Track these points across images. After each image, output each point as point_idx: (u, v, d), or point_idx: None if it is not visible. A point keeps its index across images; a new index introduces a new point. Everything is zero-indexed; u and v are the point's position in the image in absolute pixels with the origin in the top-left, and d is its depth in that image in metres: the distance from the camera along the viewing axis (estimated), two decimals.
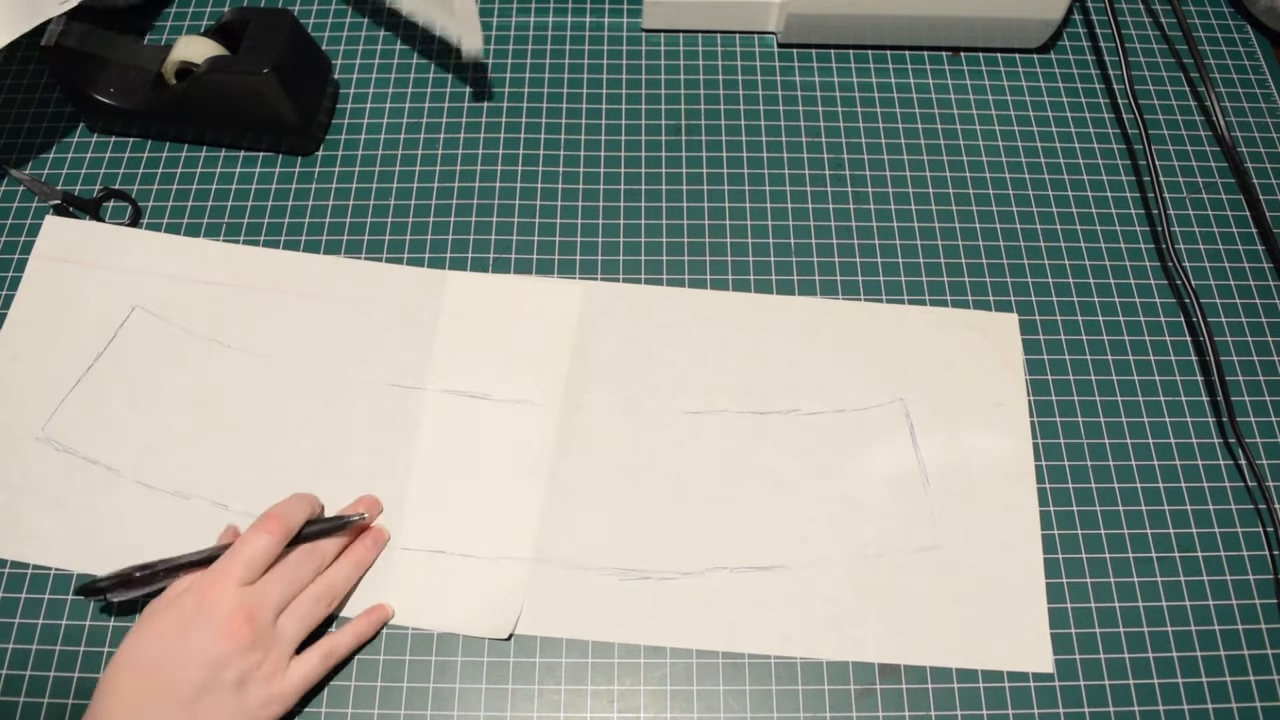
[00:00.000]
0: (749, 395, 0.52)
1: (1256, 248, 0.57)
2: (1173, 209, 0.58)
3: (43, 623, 0.47)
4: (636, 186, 0.59)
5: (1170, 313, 0.55)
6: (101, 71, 0.58)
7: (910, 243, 0.57)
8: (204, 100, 0.56)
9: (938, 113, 0.62)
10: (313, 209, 0.58)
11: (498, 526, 0.49)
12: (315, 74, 0.59)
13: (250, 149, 0.60)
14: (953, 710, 0.45)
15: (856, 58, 0.64)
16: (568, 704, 0.45)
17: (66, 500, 0.49)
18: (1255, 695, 0.46)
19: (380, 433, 0.51)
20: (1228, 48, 0.65)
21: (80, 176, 0.59)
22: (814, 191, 0.59)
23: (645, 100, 0.62)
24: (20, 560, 0.48)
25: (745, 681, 0.46)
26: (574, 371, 0.52)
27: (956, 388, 0.52)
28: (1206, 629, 0.47)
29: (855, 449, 0.50)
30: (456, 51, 0.63)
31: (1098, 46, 0.65)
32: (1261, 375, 0.53)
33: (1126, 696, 0.46)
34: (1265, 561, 0.49)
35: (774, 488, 0.49)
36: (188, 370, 0.52)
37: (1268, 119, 0.62)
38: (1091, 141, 0.61)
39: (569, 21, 0.65)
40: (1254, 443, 0.51)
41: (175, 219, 0.57)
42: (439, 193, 0.58)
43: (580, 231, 0.57)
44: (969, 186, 0.59)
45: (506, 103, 0.62)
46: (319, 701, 0.45)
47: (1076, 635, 0.47)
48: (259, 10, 0.56)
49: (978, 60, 0.64)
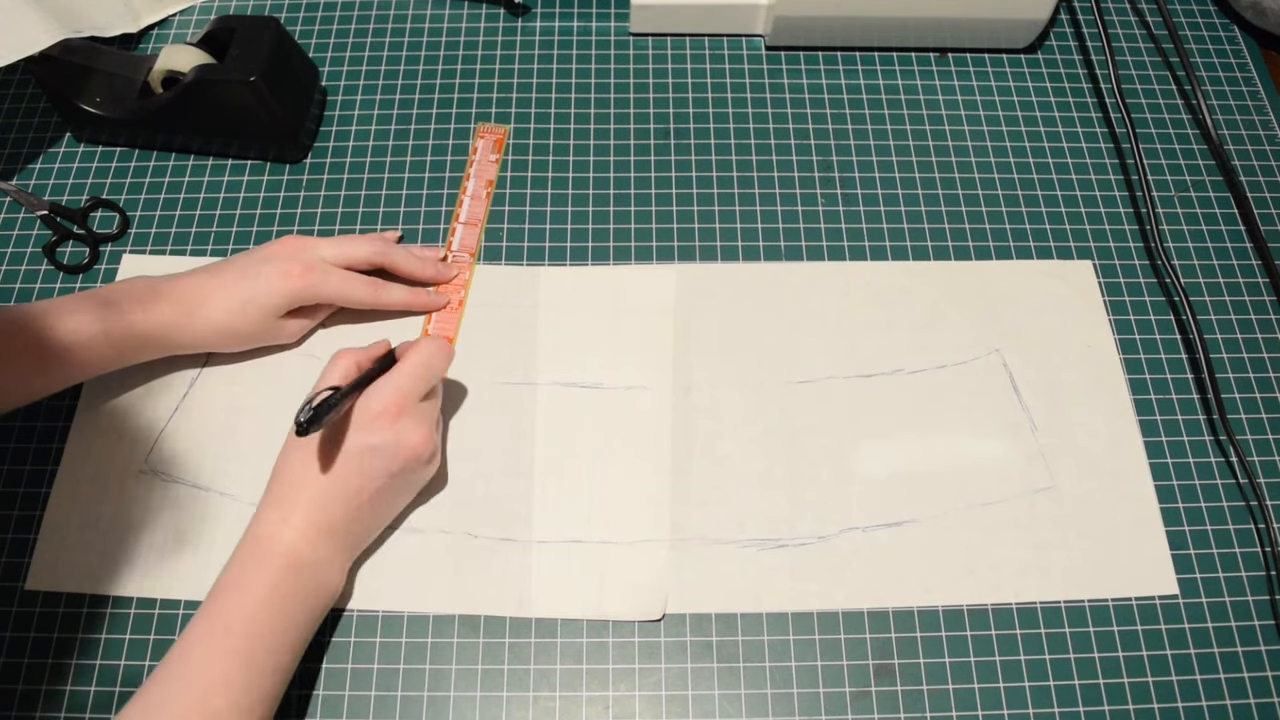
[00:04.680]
0: (852, 360, 0.53)
1: (1245, 245, 0.57)
2: (1161, 207, 0.58)
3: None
4: (625, 191, 0.59)
5: (1160, 310, 0.55)
6: (88, 81, 0.57)
7: (900, 244, 0.57)
8: (191, 109, 0.56)
9: (926, 114, 0.62)
10: (301, 216, 0.58)
11: (630, 511, 0.49)
12: (302, 81, 0.59)
13: (238, 157, 0.60)
14: (948, 711, 0.45)
15: (844, 59, 0.64)
16: (563, 711, 0.45)
17: (183, 530, 0.48)
18: (1227, 693, 0.46)
19: (498, 431, 0.51)
20: (1214, 46, 0.65)
21: (68, 186, 0.59)
22: (803, 194, 0.59)
23: (634, 104, 0.62)
24: (146, 596, 0.47)
25: (740, 686, 0.46)
26: (679, 353, 0.53)
27: (1047, 334, 0.54)
28: (1200, 627, 0.47)
29: (961, 402, 0.52)
30: (443, 57, 0.63)
31: (1084, 46, 0.65)
32: (1251, 372, 0.54)
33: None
34: (1257, 558, 0.49)
35: (889, 446, 0.51)
36: (287, 387, 0.52)
37: (1254, 117, 0.62)
38: (1079, 141, 0.61)
39: (556, 25, 0.65)
40: (1244, 439, 0.52)
41: (163, 228, 0.57)
42: (428, 199, 0.58)
43: (570, 237, 0.57)
44: (957, 187, 0.59)
45: (494, 109, 0.62)
46: (314, 711, 0.45)
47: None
48: (245, 18, 0.56)
49: (965, 61, 0.64)
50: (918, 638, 0.47)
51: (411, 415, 0.45)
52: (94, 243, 0.56)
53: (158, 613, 0.47)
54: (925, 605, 0.47)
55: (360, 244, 0.53)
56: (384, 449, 0.44)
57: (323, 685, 0.45)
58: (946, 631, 0.47)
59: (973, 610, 0.47)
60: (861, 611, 0.47)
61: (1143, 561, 0.48)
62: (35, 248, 0.57)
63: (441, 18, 0.65)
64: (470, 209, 0.58)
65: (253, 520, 0.44)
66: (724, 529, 0.49)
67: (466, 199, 0.58)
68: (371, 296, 0.52)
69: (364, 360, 0.46)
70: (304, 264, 0.50)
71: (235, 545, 0.43)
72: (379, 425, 0.44)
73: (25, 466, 0.50)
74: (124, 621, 0.47)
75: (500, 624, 0.47)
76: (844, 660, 0.46)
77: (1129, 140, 0.57)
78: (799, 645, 0.47)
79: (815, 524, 0.49)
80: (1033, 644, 0.47)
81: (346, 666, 0.46)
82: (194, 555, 0.48)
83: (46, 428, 0.51)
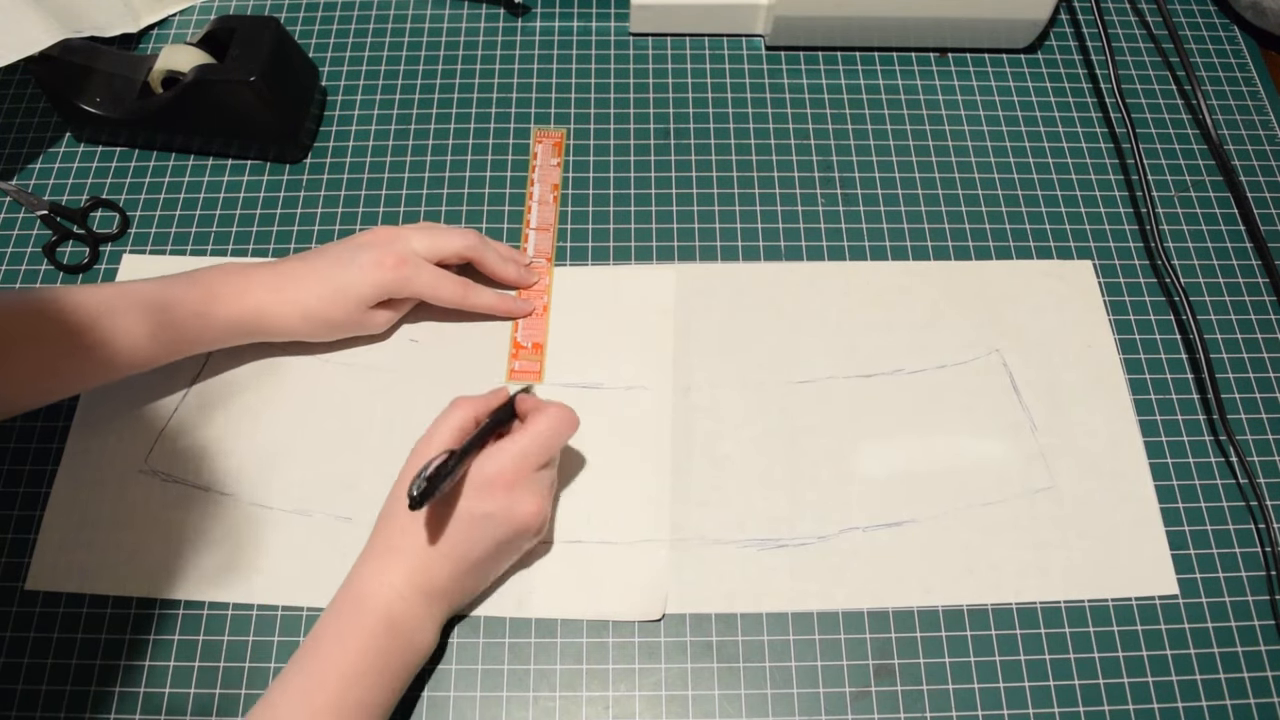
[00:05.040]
0: (852, 360, 0.53)
1: (1245, 245, 0.57)
2: (1161, 207, 0.58)
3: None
4: (625, 191, 0.59)
5: (1160, 310, 0.55)
6: (87, 81, 0.57)
7: (900, 244, 0.57)
8: (191, 109, 0.56)
9: (926, 114, 0.62)
10: (301, 216, 0.58)
11: (631, 511, 0.49)
12: (302, 81, 0.59)
13: (238, 157, 0.60)
14: (948, 711, 0.45)
15: (844, 59, 0.64)
16: (563, 711, 0.45)
17: (183, 530, 0.48)
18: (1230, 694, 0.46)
19: None
20: (1214, 46, 0.65)
21: (68, 186, 0.59)
22: (803, 194, 0.59)
23: (634, 104, 0.62)
24: (146, 596, 0.47)
25: (740, 686, 0.46)
26: (679, 353, 0.53)
27: (1046, 334, 0.54)
28: (1200, 627, 0.47)
29: (961, 402, 0.52)
30: (443, 57, 0.63)
31: (1084, 46, 0.65)
32: (1251, 372, 0.54)
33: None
34: (1257, 558, 0.49)
35: (889, 446, 0.51)
36: (289, 388, 0.52)
37: (1254, 117, 0.62)
38: (1080, 141, 0.61)
39: (556, 25, 0.65)
40: (1244, 439, 0.52)
41: (163, 228, 0.57)
42: (428, 199, 0.58)
43: (570, 237, 0.57)
44: (957, 187, 0.59)
45: (495, 109, 0.62)
46: None
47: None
48: (245, 18, 0.56)
49: (965, 61, 0.64)
50: (918, 638, 0.47)
51: (526, 485, 0.44)
52: (94, 243, 0.56)
53: (158, 613, 0.47)
54: (925, 605, 0.47)
55: (452, 237, 0.52)
56: (495, 517, 0.43)
57: None
58: (946, 631, 0.47)
59: (973, 610, 0.47)
60: (861, 611, 0.47)
61: (1143, 561, 0.48)
62: (35, 248, 0.57)
63: (441, 18, 0.65)
64: (540, 214, 0.58)
65: (353, 573, 0.43)
66: (724, 529, 0.49)
67: (534, 204, 0.58)
68: (460, 297, 0.52)
69: (481, 414, 0.45)
70: (398, 255, 0.49)
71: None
72: (492, 493, 0.43)
73: (25, 466, 0.50)
74: (124, 621, 0.47)
75: (500, 624, 0.47)
76: (844, 660, 0.46)
77: (1129, 140, 0.57)
78: (799, 645, 0.47)
79: (815, 524, 0.49)
80: (1033, 644, 0.47)
81: None
82: (194, 555, 0.48)
83: (46, 428, 0.51)
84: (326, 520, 0.49)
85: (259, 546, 0.48)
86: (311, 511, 0.49)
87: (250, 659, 0.46)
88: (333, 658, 0.41)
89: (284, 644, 0.46)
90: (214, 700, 0.45)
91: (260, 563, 0.48)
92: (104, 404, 0.51)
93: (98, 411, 0.51)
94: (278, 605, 0.47)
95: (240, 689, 0.45)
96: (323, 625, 0.42)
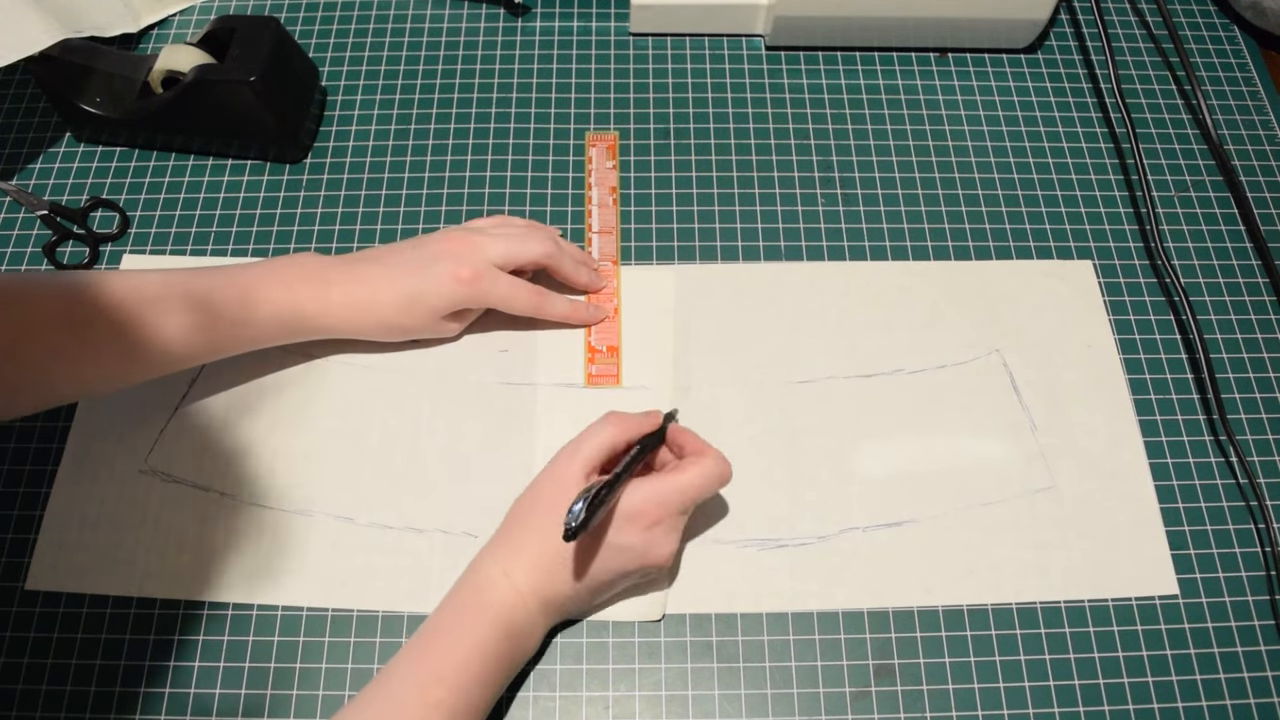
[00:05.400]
0: (852, 360, 0.53)
1: (1245, 245, 0.57)
2: (1161, 207, 0.58)
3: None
4: (625, 191, 0.59)
5: (1160, 310, 0.55)
6: (88, 81, 0.57)
7: (900, 244, 0.57)
8: (191, 109, 0.56)
9: (926, 114, 0.62)
10: (301, 216, 0.58)
11: None
12: (302, 81, 0.59)
13: (238, 157, 0.60)
14: (948, 711, 0.45)
15: (844, 59, 0.64)
16: (563, 711, 0.45)
17: (183, 530, 0.48)
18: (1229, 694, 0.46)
19: (501, 430, 0.51)
20: (1214, 46, 0.65)
21: (68, 186, 0.59)
22: (803, 194, 0.59)
23: (634, 104, 0.62)
24: (146, 596, 0.47)
25: (740, 686, 0.46)
26: (679, 353, 0.53)
27: (1046, 334, 0.54)
28: (1200, 627, 0.47)
29: (961, 402, 0.52)
30: (443, 57, 0.63)
31: (1084, 46, 0.65)
32: (1251, 372, 0.54)
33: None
34: (1257, 558, 0.49)
35: (890, 446, 0.51)
36: (289, 388, 0.52)
37: (1254, 117, 0.62)
38: (1080, 140, 0.61)
39: (556, 25, 0.65)
40: (1244, 439, 0.52)
41: (163, 228, 0.57)
42: (428, 199, 0.58)
43: (571, 237, 0.57)
44: (957, 187, 0.59)
45: (495, 108, 0.62)
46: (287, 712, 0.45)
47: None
48: (245, 18, 0.56)
49: (965, 61, 0.64)
50: (918, 638, 0.47)
51: (666, 527, 0.44)
52: (94, 243, 0.56)
53: (158, 613, 0.47)
54: (925, 605, 0.47)
55: (530, 244, 0.51)
56: (630, 552, 0.43)
57: (323, 685, 0.45)
58: (946, 631, 0.47)
59: (973, 610, 0.47)
60: (861, 611, 0.47)
61: (1143, 561, 0.48)
62: (35, 248, 0.57)
63: (441, 18, 0.65)
64: (601, 217, 0.57)
65: (475, 564, 0.44)
66: (723, 529, 0.49)
67: (594, 208, 0.58)
68: (534, 307, 0.52)
69: (633, 435, 0.45)
70: (474, 268, 0.49)
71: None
72: (634, 528, 0.43)
73: (25, 466, 0.50)
74: (124, 621, 0.47)
75: None
76: (844, 660, 0.46)
77: (1129, 140, 0.57)
78: (799, 645, 0.47)
79: (815, 524, 0.49)
80: (1033, 644, 0.47)
81: (346, 667, 0.46)
82: (194, 555, 0.48)
83: (46, 428, 0.51)
84: (327, 520, 0.49)
85: (259, 547, 0.48)
86: (312, 511, 0.49)
87: (250, 659, 0.46)
88: (451, 653, 0.41)
89: (286, 644, 0.46)
90: (214, 700, 0.45)
91: (261, 563, 0.48)
92: (104, 404, 0.51)
93: (98, 411, 0.51)
94: (278, 605, 0.47)
95: (240, 689, 0.45)
96: (440, 615, 0.42)
